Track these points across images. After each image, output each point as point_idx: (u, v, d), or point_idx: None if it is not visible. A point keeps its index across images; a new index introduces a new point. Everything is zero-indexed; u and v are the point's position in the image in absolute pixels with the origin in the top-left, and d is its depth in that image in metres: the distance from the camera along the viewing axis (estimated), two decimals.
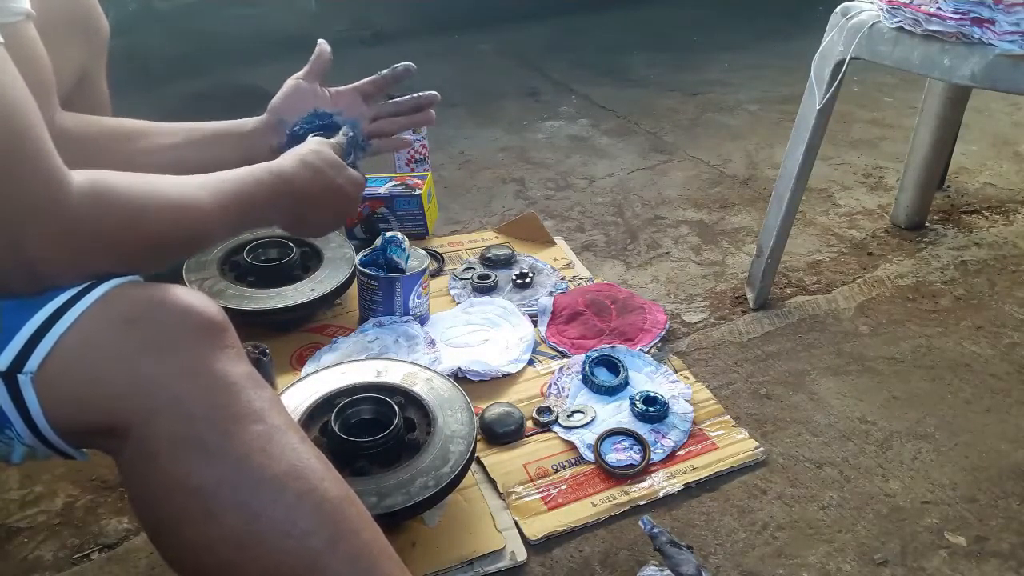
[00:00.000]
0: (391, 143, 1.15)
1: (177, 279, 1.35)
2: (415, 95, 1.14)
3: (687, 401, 1.19)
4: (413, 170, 1.81)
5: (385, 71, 1.12)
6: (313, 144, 0.92)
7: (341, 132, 1.03)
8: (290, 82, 1.10)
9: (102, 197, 0.63)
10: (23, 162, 0.59)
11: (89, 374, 0.62)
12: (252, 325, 1.29)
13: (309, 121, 1.07)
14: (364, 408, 1.04)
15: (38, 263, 0.61)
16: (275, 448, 0.63)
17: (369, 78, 1.12)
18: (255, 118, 1.07)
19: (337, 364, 1.15)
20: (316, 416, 1.04)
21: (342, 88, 1.12)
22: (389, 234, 1.35)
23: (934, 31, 1.08)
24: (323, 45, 1.11)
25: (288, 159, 0.87)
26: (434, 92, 1.14)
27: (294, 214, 0.87)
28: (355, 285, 1.38)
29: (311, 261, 1.43)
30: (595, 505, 1.04)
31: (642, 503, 1.05)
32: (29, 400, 0.61)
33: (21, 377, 0.61)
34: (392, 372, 1.12)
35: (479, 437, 1.10)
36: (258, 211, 0.80)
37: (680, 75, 2.64)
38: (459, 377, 1.24)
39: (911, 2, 1.10)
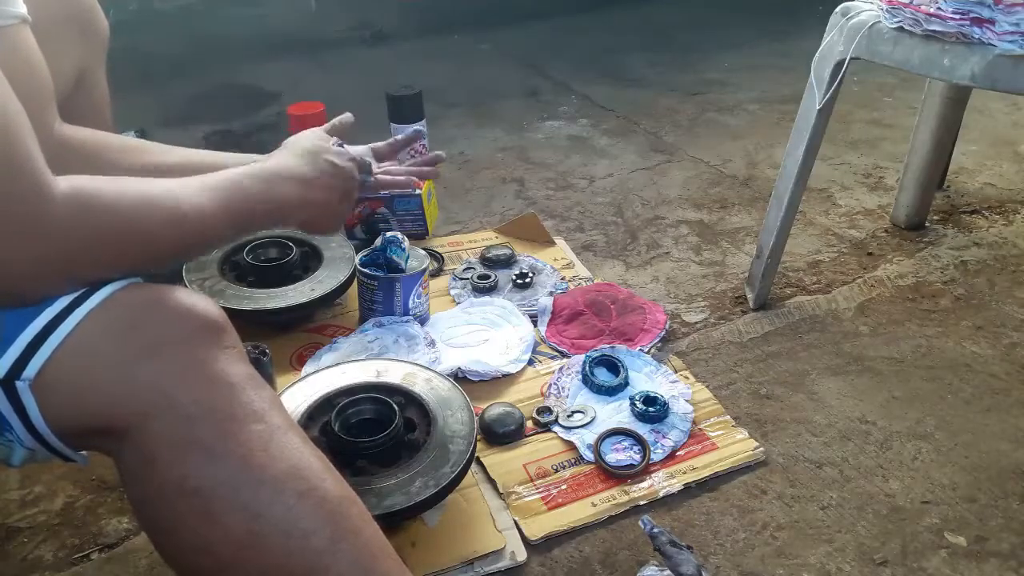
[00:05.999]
0: (394, 182, 1.16)
1: (177, 279, 1.35)
2: (423, 157, 1.25)
3: (687, 401, 1.19)
4: None
5: (399, 136, 1.22)
6: (297, 136, 0.94)
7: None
8: (306, 132, 1.11)
9: (87, 206, 0.62)
10: (10, 179, 0.58)
11: (87, 380, 0.61)
12: (252, 325, 1.29)
13: None
14: (364, 408, 1.04)
15: (23, 279, 0.60)
16: (275, 448, 0.63)
17: (384, 141, 1.19)
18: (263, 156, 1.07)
19: (337, 364, 1.15)
20: (316, 416, 1.04)
21: (357, 147, 1.14)
22: (389, 234, 1.35)
23: (934, 31, 1.08)
24: (348, 116, 1.12)
25: (275, 154, 0.90)
26: (440, 152, 1.26)
27: (299, 203, 0.86)
28: (355, 285, 1.38)
29: (311, 261, 1.43)
30: (595, 505, 1.04)
31: (642, 503, 1.05)
32: (28, 405, 0.61)
33: (19, 384, 0.60)
34: (392, 372, 1.12)
35: (479, 437, 1.11)
36: (262, 209, 0.79)
37: (680, 75, 2.64)
38: (459, 377, 1.24)
39: (911, 2, 1.10)
